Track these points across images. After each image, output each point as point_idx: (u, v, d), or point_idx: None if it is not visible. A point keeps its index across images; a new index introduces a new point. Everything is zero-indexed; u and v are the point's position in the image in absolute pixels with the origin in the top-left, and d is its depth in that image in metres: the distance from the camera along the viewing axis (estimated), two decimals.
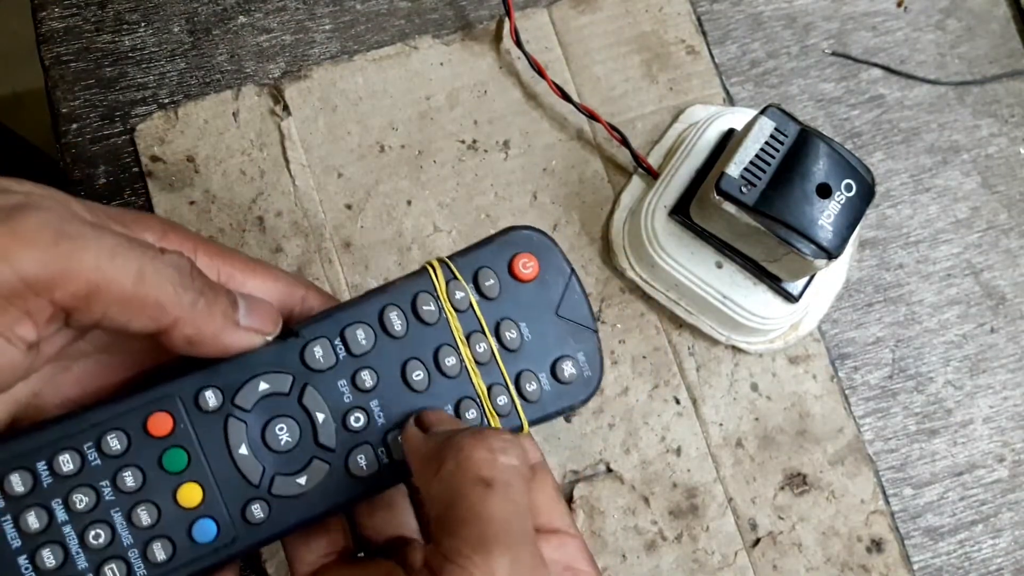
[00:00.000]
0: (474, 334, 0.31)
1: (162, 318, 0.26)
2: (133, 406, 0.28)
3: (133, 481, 0.28)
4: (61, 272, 0.24)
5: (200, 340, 0.27)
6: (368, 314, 0.31)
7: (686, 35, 0.46)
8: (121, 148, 0.44)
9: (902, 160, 0.46)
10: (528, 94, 0.45)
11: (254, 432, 0.29)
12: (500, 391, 0.31)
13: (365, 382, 0.30)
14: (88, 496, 0.28)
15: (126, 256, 0.25)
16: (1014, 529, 0.43)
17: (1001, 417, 0.44)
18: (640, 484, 0.42)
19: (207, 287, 0.28)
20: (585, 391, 0.33)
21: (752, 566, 0.42)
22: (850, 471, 0.43)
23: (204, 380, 0.29)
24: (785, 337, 0.43)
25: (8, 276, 0.24)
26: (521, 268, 0.32)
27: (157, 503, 0.28)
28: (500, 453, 0.26)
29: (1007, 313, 0.45)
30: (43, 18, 0.45)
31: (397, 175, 0.44)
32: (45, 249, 0.24)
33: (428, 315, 0.31)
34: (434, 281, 0.31)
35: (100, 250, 0.25)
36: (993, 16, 0.48)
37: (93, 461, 0.28)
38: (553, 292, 0.33)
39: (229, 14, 0.45)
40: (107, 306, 0.25)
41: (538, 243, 0.33)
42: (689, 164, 0.42)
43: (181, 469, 0.29)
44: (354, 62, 0.45)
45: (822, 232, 0.35)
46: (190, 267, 0.27)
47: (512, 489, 0.25)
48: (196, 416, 0.29)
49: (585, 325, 0.33)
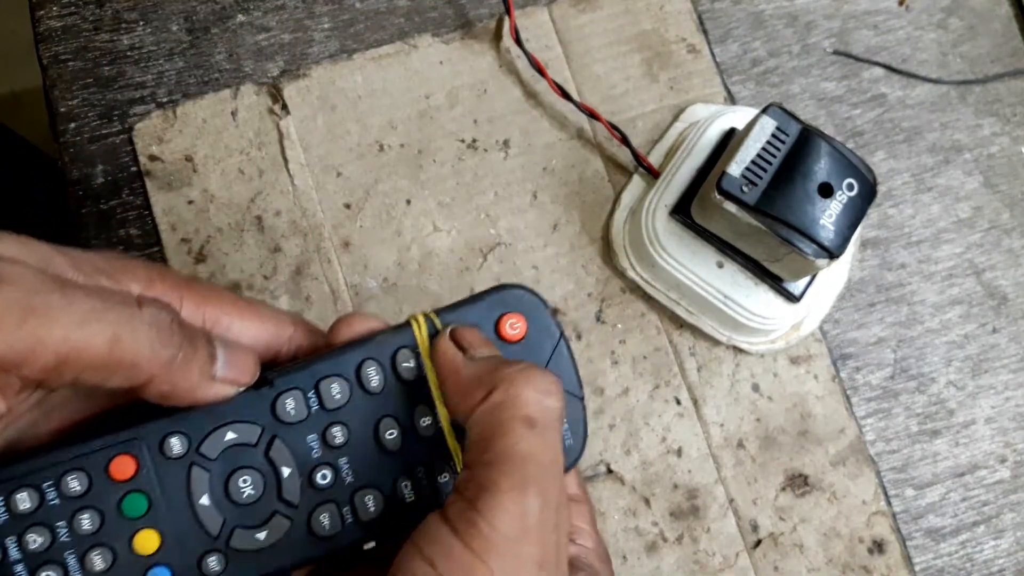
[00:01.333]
0: None
1: (137, 377, 0.26)
2: (97, 447, 0.28)
3: (90, 524, 0.27)
4: (29, 350, 0.24)
5: (174, 396, 0.27)
6: (345, 367, 0.30)
7: (687, 34, 0.46)
8: (119, 147, 0.44)
9: (904, 159, 0.46)
10: (528, 93, 0.45)
11: (217, 482, 0.29)
12: None
13: (336, 438, 0.29)
14: (43, 536, 0.27)
15: (100, 321, 0.25)
16: (1016, 530, 0.43)
17: (1003, 418, 0.44)
18: (641, 485, 0.42)
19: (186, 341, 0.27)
20: (566, 460, 0.31)
21: (753, 567, 0.41)
22: (852, 472, 0.43)
23: (171, 426, 0.28)
24: (786, 337, 0.43)
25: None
26: (508, 329, 0.31)
27: (113, 548, 0.27)
28: (545, 395, 0.26)
29: (1009, 313, 0.45)
30: (41, 17, 0.45)
31: (396, 174, 0.44)
32: (10, 331, 0.23)
33: (407, 372, 0.30)
34: (417, 336, 0.30)
35: (70, 320, 0.24)
36: (995, 15, 0.48)
37: (52, 500, 0.27)
38: (540, 355, 0.31)
39: (228, 13, 0.45)
40: (80, 371, 0.25)
41: (528, 304, 0.31)
42: (690, 163, 0.42)
43: (140, 515, 0.28)
44: (353, 61, 0.45)
45: (824, 232, 0.35)
46: (170, 321, 0.27)
47: (552, 432, 0.26)
48: (160, 462, 0.28)
49: (572, 392, 0.31)
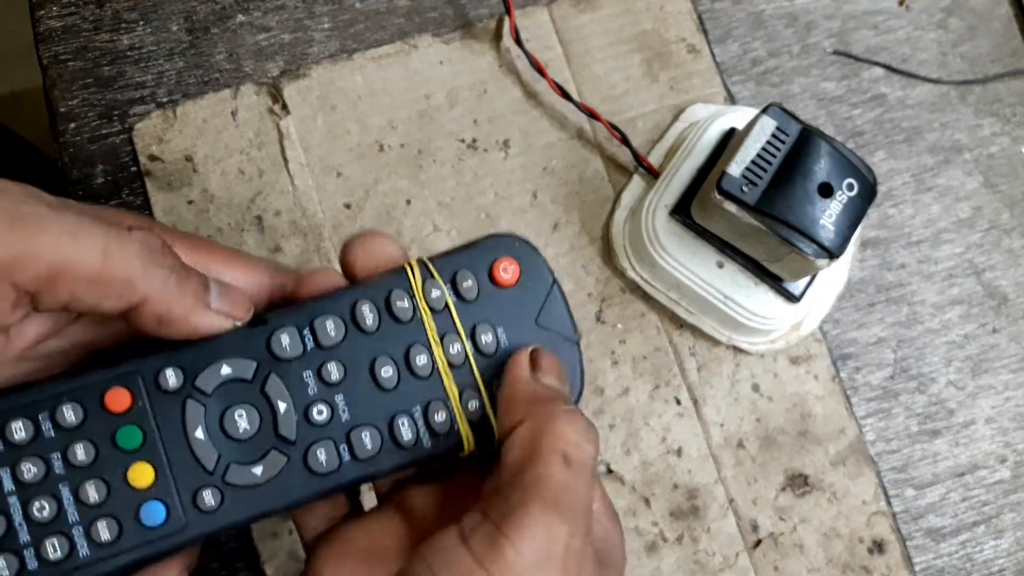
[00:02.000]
0: (448, 335, 0.30)
1: (131, 296, 0.26)
2: (92, 380, 0.28)
3: (84, 455, 0.27)
4: (20, 255, 0.24)
5: (170, 319, 0.27)
6: (339, 307, 0.30)
7: (687, 34, 0.46)
8: (119, 147, 0.44)
9: (904, 159, 0.46)
10: (528, 93, 0.45)
11: (212, 417, 0.28)
12: (472, 395, 0.30)
13: (331, 375, 0.29)
14: (37, 467, 0.27)
15: (90, 234, 0.25)
16: (1016, 530, 0.43)
17: (1003, 418, 0.44)
18: (641, 485, 0.42)
19: (178, 266, 0.27)
20: None
21: (753, 567, 0.41)
22: (852, 472, 0.43)
23: (166, 360, 0.28)
24: (786, 337, 0.43)
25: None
26: (501, 272, 0.31)
27: (107, 480, 0.27)
28: (585, 439, 0.27)
29: (1009, 313, 0.45)
30: (41, 17, 0.45)
31: (396, 174, 0.44)
32: (3, 232, 0.23)
33: (401, 312, 0.30)
34: (411, 279, 0.30)
35: (61, 230, 0.24)
36: (995, 15, 0.48)
37: (46, 431, 0.27)
38: (533, 300, 0.31)
39: (228, 12, 0.45)
40: (73, 286, 0.25)
41: (520, 250, 0.32)
42: (690, 163, 0.42)
43: (135, 448, 0.28)
44: (353, 61, 0.45)
45: (824, 232, 0.35)
46: (160, 245, 0.27)
47: (585, 474, 0.26)
48: (155, 395, 0.28)
49: (566, 336, 0.32)
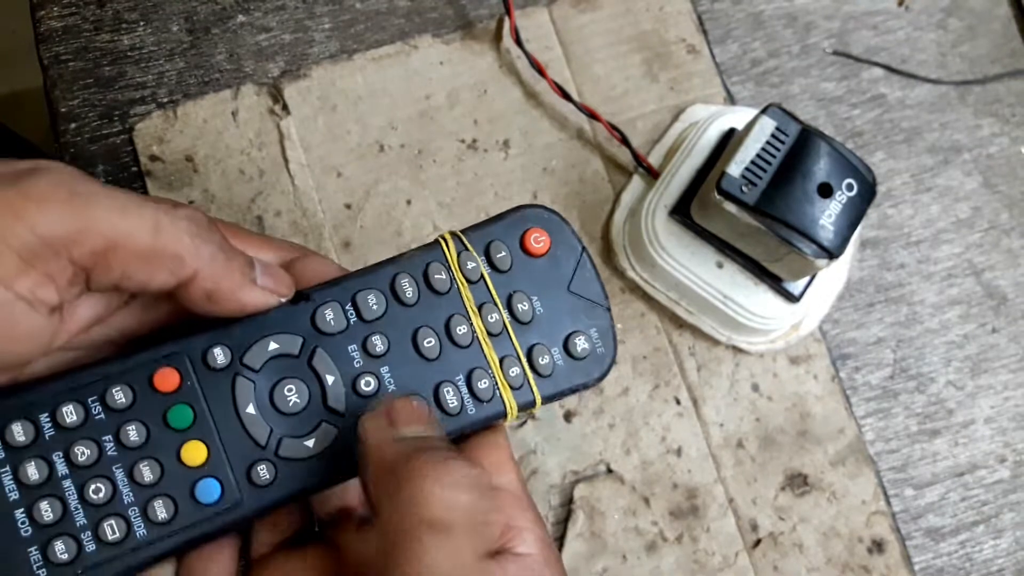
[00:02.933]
0: (486, 305, 0.31)
1: (181, 271, 0.26)
2: (140, 361, 0.28)
3: (136, 436, 0.27)
4: (78, 229, 0.24)
5: (219, 295, 0.27)
6: (379, 281, 0.30)
7: (687, 34, 0.46)
8: (120, 147, 0.44)
9: (903, 160, 0.46)
10: (528, 93, 0.45)
11: (262, 392, 0.29)
12: (512, 363, 0.31)
13: (376, 347, 0.30)
14: (90, 450, 0.27)
15: (140, 210, 0.25)
16: (1015, 530, 0.43)
17: (1002, 417, 0.44)
18: (640, 485, 0.42)
19: (224, 243, 0.27)
20: (599, 368, 0.32)
21: (753, 567, 0.42)
22: (851, 471, 0.43)
23: (213, 338, 0.29)
24: (786, 337, 0.43)
25: (26, 236, 0.23)
26: (533, 243, 0.32)
27: (160, 460, 0.28)
28: (454, 489, 0.25)
29: (1008, 313, 0.45)
30: (42, 17, 0.45)
31: (397, 175, 0.44)
32: (60, 207, 0.24)
33: (439, 284, 0.30)
34: (446, 252, 0.31)
35: (113, 206, 0.25)
36: (994, 15, 0.48)
37: (97, 414, 0.27)
38: (565, 268, 0.32)
39: (228, 13, 0.45)
40: (126, 262, 0.25)
41: (549, 220, 0.32)
42: (690, 164, 0.42)
43: (186, 426, 0.28)
44: (353, 61, 0.45)
45: (823, 232, 0.35)
46: (206, 220, 0.27)
47: (459, 534, 0.24)
48: (204, 373, 0.28)
49: (597, 302, 0.32)
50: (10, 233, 0.23)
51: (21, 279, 0.24)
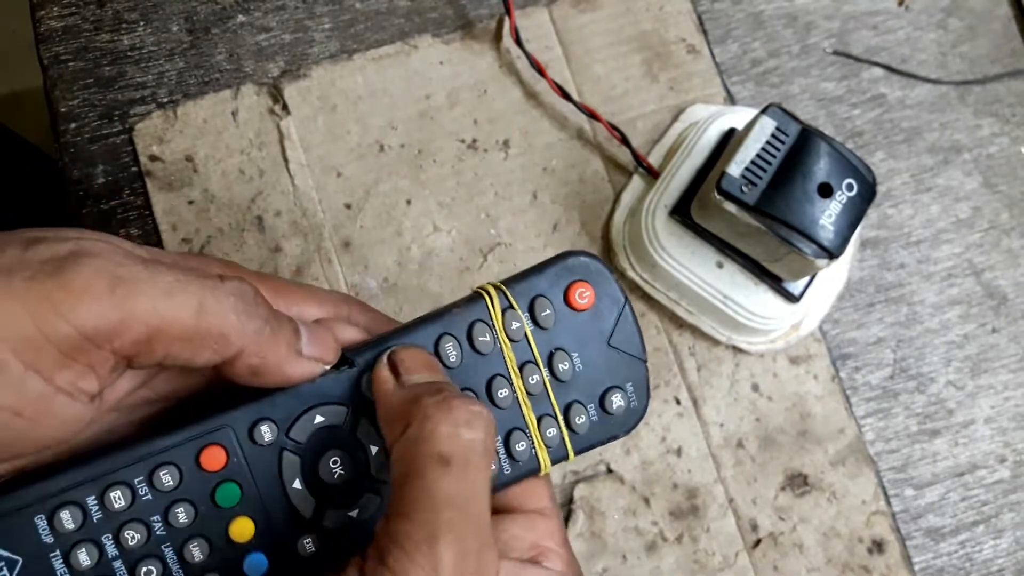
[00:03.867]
0: (527, 365, 0.31)
1: (226, 350, 0.25)
2: (185, 439, 0.28)
3: (185, 516, 0.27)
4: (120, 321, 0.23)
5: (264, 371, 0.27)
6: (423, 341, 0.30)
7: (687, 34, 0.46)
8: (120, 147, 0.44)
9: (903, 160, 0.46)
10: (528, 93, 0.45)
11: (308, 465, 0.29)
12: (550, 423, 0.31)
13: None
14: (139, 532, 0.27)
15: (185, 291, 0.25)
16: (1015, 530, 0.43)
17: (1002, 417, 0.44)
18: (641, 485, 0.42)
19: (271, 315, 0.27)
20: (631, 422, 0.32)
21: (753, 567, 0.42)
22: (851, 472, 0.43)
23: (259, 411, 0.28)
24: (786, 337, 0.43)
25: (67, 331, 0.23)
26: (577, 298, 0.31)
27: (209, 538, 0.28)
28: (465, 427, 0.25)
29: (1008, 313, 0.45)
30: (42, 17, 0.45)
31: (397, 174, 0.44)
32: (101, 299, 0.23)
33: (483, 346, 0.30)
34: (490, 309, 0.31)
35: (156, 291, 0.24)
36: (995, 15, 0.48)
37: (144, 496, 0.27)
38: (606, 322, 0.32)
39: (228, 13, 0.45)
40: (169, 345, 0.25)
41: (595, 271, 0.32)
42: (690, 164, 0.42)
43: (234, 503, 0.28)
44: (353, 61, 0.45)
45: (823, 232, 0.35)
46: (253, 293, 0.27)
47: (470, 468, 0.25)
48: (250, 449, 0.28)
49: (636, 356, 0.32)
50: (50, 328, 0.23)
51: (62, 372, 0.24)
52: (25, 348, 0.23)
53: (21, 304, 0.23)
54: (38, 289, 0.23)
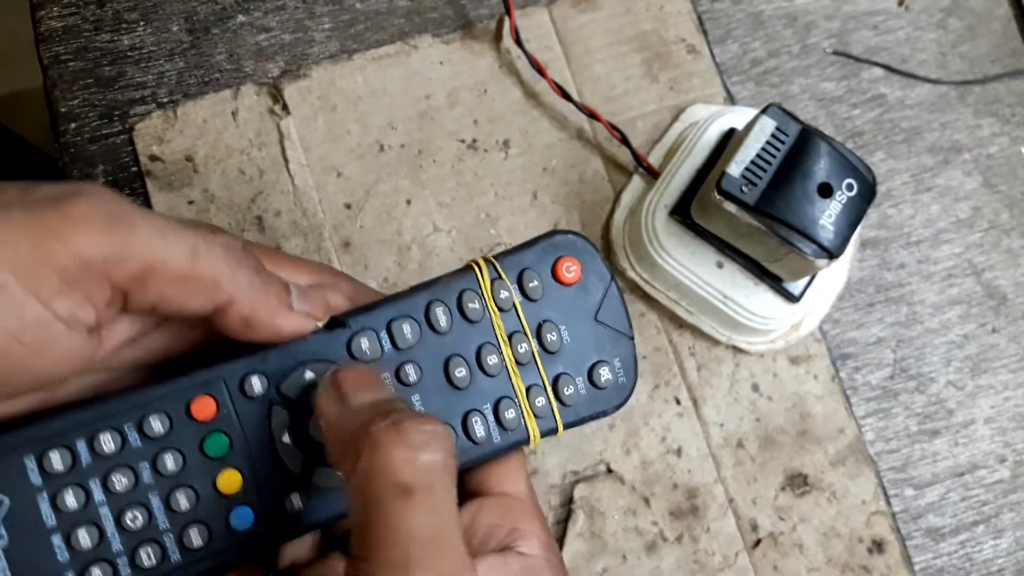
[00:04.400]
0: (516, 334, 0.32)
1: (218, 296, 0.26)
2: (177, 389, 0.28)
3: (173, 464, 0.28)
4: (116, 251, 0.24)
5: (255, 321, 0.27)
6: (414, 308, 0.31)
7: (687, 34, 0.46)
8: (120, 147, 0.44)
9: (903, 159, 0.46)
10: (528, 93, 0.45)
11: (297, 421, 0.29)
12: (538, 392, 0.32)
13: (409, 376, 0.30)
14: (127, 477, 0.27)
15: (178, 234, 0.25)
16: (1015, 530, 0.43)
17: (1003, 417, 0.44)
18: (640, 485, 0.42)
19: (261, 268, 0.27)
20: (619, 397, 0.33)
21: (753, 567, 0.42)
22: (851, 472, 0.43)
23: (250, 366, 0.29)
24: (786, 337, 0.43)
25: (66, 258, 0.23)
26: (564, 272, 0.32)
27: (196, 488, 0.28)
28: (422, 450, 0.23)
29: (1008, 313, 0.45)
30: (42, 17, 0.45)
31: (397, 174, 0.44)
32: (100, 229, 0.24)
33: (473, 313, 0.31)
34: (479, 280, 0.31)
35: (152, 230, 0.25)
36: (995, 15, 0.48)
37: (134, 442, 0.27)
38: (593, 297, 0.33)
39: (228, 13, 0.45)
40: (164, 285, 0.25)
41: (581, 248, 0.33)
42: (690, 164, 0.42)
43: (222, 455, 0.28)
44: (353, 61, 0.45)
45: (823, 232, 0.35)
46: (242, 246, 0.27)
47: (435, 493, 0.23)
48: (240, 402, 0.29)
49: (622, 332, 0.33)
50: (51, 254, 0.23)
51: (61, 299, 0.24)
52: (25, 273, 0.23)
53: (22, 232, 0.23)
54: (39, 218, 0.23)
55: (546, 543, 0.30)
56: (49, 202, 0.24)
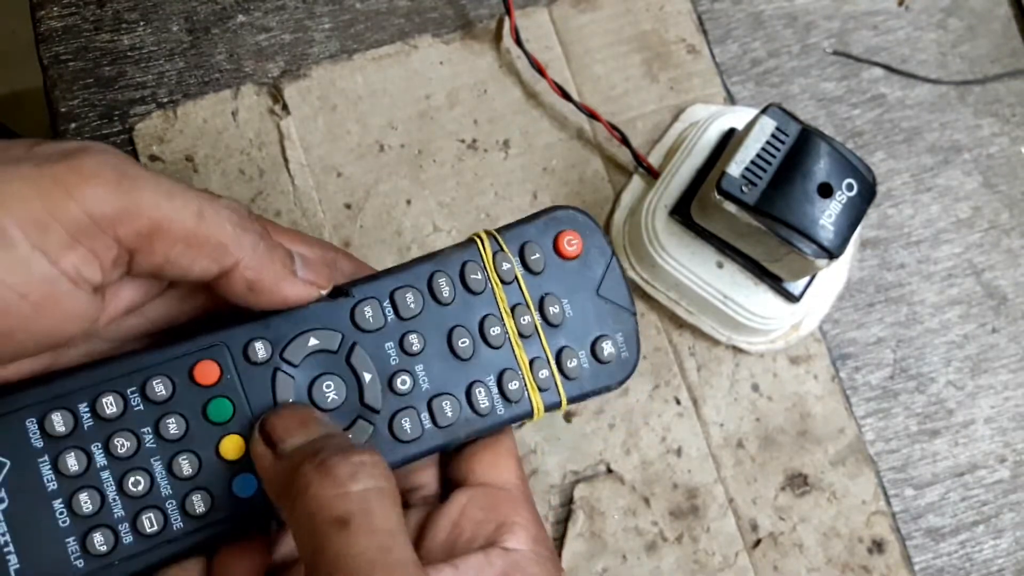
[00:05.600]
0: (518, 307, 0.32)
1: (224, 259, 0.26)
2: (180, 353, 0.28)
3: (176, 429, 0.27)
4: (124, 208, 0.24)
5: (260, 286, 0.27)
6: (417, 279, 0.31)
7: (687, 34, 0.46)
8: (120, 147, 0.44)
9: (903, 159, 0.46)
10: (528, 93, 0.45)
11: (301, 387, 0.29)
12: (542, 365, 0.32)
13: (412, 345, 0.30)
14: (129, 441, 0.27)
15: (185, 196, 0.25)
16: (1015, 530, 0.43)
17: (1002, 417, 0.44)
18: (640, 485, 0.42)
19: (266, 233, 0.27)
20: (622, 373, 0.33)
21: (753, 567, 0.42)
22: (851, 472, 0.43)
23: (254, 331, 0.29)
24: (786, 337, 0.43)
25: (74, 211, 0.23)
26: (566, 245, 0.32)
27: (199, 453, 0.28)
28: (351, 481, 0.24)
29: (1008, 313, 0.45)
30: (42, 17, 0.45)
31: (397, 174, 0.44)
32: (108, 185, 0.24)
33: (475, 284, 0.31)
34: (481, 251, 0.31)
35: (159, 189, 0.25)
36: (995, 15, 0.48)
37: (136, 406, 0.27)
38: (595, 272, 0.33)
39: (228, 13, 0.45)
40: (170, 246, 0.25)
41: (582, 223, 0.33)
42: (690, 164, 0.42)
43: (225, 420, 0.28)
44: (353, 61, 0.45)
45: (823, 232, 0.35)
46: (247, 211, 0.27)
47: (373, 516, 0.24)
48: (244, 367, 0.28)
49: (624, 307, 0.33)
50: (59, 208, 0.23)
51: (67, 255, 0.24)
52: (33, 227, 0.23)
53: (31, 185, 0.23)
54: (47, 172, 0.23)
55: (535, 535, 0.29)
56: (58, 157, 0.24)
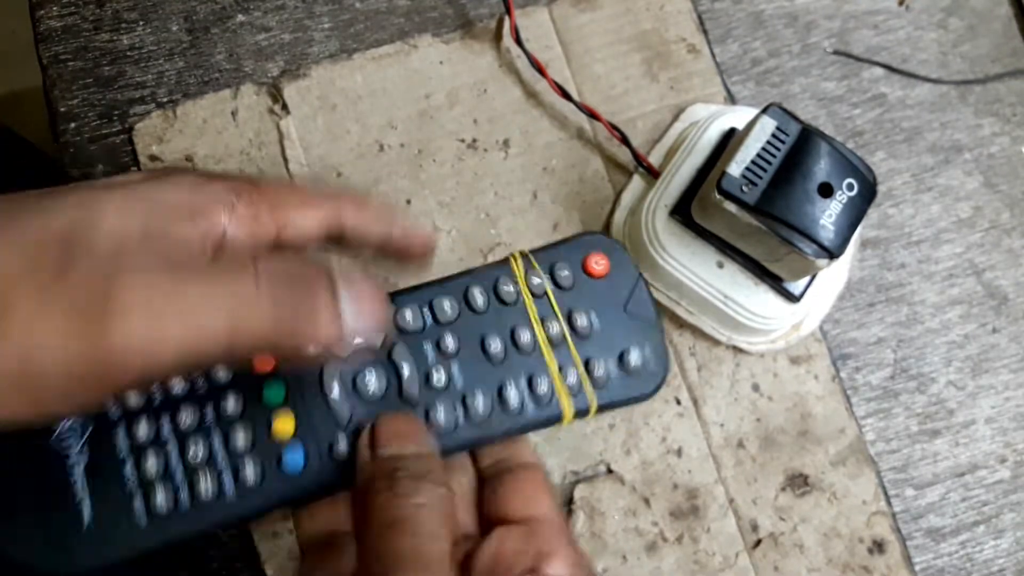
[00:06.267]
0: (548, 318, 0.34)
1: (260, 348, 0.26)
2: None
3: (234, 407, 0.31)
4: (148, 352, 0.23)
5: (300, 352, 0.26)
6: (454, 290, 0.34)
7: (687, 33, 0.46)
8: (119, 147, 0.44)
9: (904, 159, 0.46)
10: (528, 93, 0.45)
11: (346, 378, 0.32)
12: (570, 370, 0.34)
13: (448, 346, 0.33)
14: (193, 416, 0.31)
15: (217, 307, 0.24)
16: (1016, 530, 0.43)
17: (1003, 418, 0.44)
18: (641, 485, 0.42)
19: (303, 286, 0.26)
20: (651, 384, 0.35)
21: (753, 567, 0.41)
22: (852, 472, 0.43)
23: None
24: (786, 337, 0.43)
25: (104, 368, 0.22)
26: (593, 265, 0.35)
27: (254, 430, 0.31)
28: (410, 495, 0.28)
29: (1009, 313, 0.45)
30: (41, 17, 0.45)
31: (396, 174, 0.44)
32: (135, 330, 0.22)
33: (507, 296, 0.34)
34: (514, 268, 0.35)
35: (187, 307, 0.23)
36: (995, 15, 0.48)
37: (199, 388, 0.31)
38: (621, 290, 0.36)
39: (228, 12, 0.45)
40: (199, 361, 0.24)
41: (609, 247, 0.36)
42: (690, 163, 0.42)
43: (279, 403, 0.32)
44: (353, 61, 0.45)
45: (824, 232, 0.35)
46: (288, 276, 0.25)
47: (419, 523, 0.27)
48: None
49: (651, 323, 0.36)
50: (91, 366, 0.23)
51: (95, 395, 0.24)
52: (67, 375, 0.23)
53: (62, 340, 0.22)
54: (80, 333, 0.22)
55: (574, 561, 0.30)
56: (90, 311, 0.22)
